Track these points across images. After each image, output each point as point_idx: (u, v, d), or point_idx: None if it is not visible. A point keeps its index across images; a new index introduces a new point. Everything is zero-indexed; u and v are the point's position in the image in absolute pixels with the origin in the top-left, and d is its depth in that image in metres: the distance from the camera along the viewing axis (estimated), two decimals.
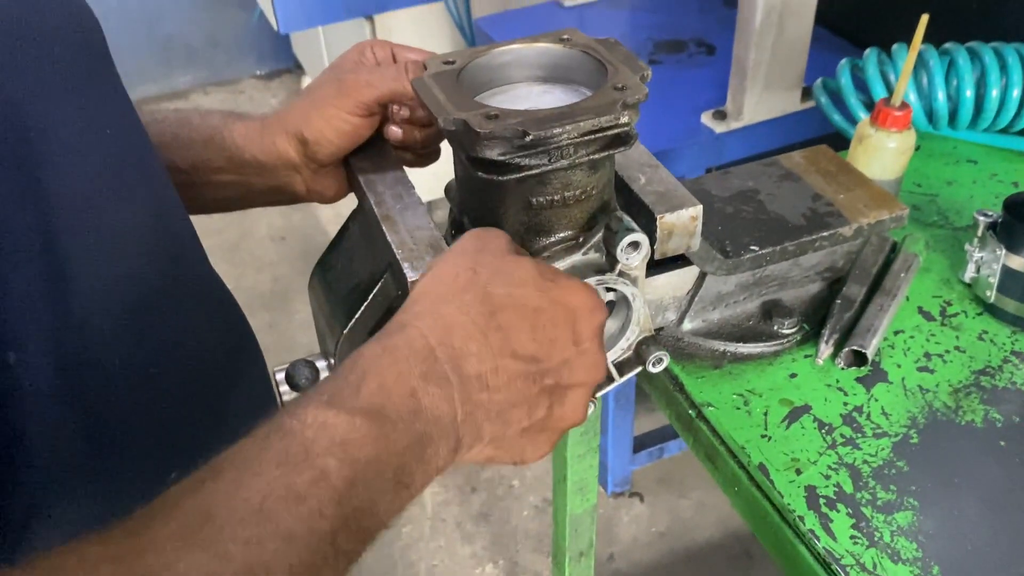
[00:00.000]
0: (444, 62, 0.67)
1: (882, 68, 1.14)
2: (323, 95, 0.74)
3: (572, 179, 0.64)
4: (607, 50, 0.67)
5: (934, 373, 0.83)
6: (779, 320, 0.85)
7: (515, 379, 0.51)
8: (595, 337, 0.56)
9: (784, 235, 0.82)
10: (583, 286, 0.56)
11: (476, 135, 0.59)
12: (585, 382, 0.56)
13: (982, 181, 1.09)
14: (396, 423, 0.46)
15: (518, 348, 0.51)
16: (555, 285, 0.54)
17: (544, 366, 0.52)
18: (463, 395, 0.49)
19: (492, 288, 0.52)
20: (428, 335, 0.50)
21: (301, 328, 2.40)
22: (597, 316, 0.56)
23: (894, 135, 0.95)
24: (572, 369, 0.54)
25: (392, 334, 0.50)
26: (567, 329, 0.54)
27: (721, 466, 0.80)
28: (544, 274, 0.54)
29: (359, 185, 0.75)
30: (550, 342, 0.52)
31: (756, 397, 0.81)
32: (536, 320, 0.52)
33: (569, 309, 0.54)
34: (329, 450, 0.43)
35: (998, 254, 0.85)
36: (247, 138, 0.76)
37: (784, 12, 1.34)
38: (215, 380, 0.67)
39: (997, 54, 1.09)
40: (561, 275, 0.56)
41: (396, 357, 0.48)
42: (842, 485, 0.74)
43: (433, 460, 0.48)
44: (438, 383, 0.48)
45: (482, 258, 0.54)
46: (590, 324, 0.55)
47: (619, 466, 1.89)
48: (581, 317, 0.54)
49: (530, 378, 0.52)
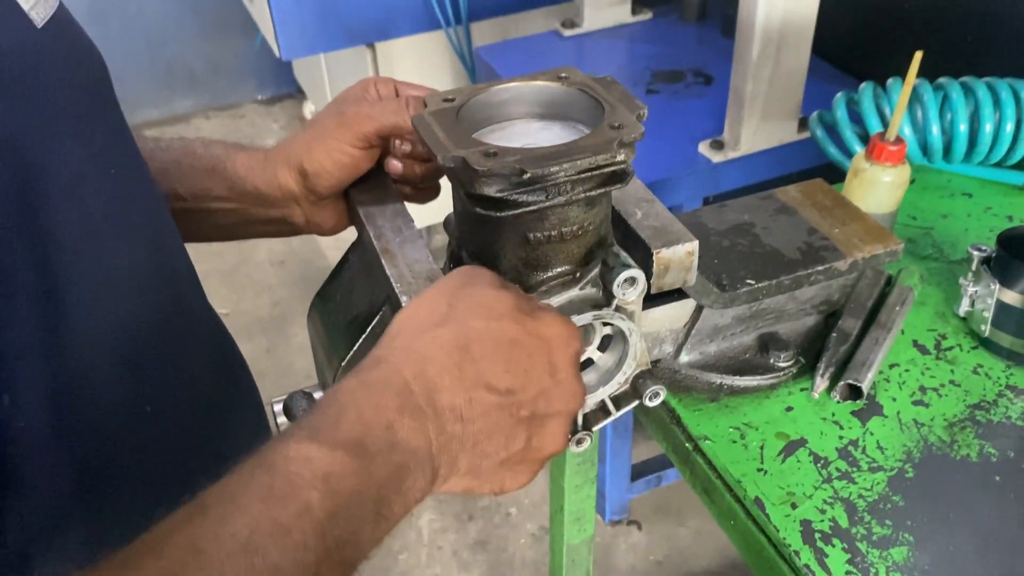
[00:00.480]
0: (444, 99, 0.68)
1: (877, 102, 1.15)
2: (324, 127, 0.75)
3: (569, 215, 0.65)
4: (604, 88, 0.68)
5: (929, 407, 0.83)
6: (775, 353, 0.86)
7: (490, 411, 0.52)
8: (571, 366, 0.56)
9: (780, 269, 0.83)
10: (558, 317, 0.57)
11: (474, 172, 0.60)
12: (562, 411, 0.56)
13: (977, 214, 1.09)
14: (375, 456, 0.46)
15: (492, 380, 0.52)
16: (531, 317, 0.55)
17: (519, 397, 0.53)
18: (437, 427, 0.50)
19: (468, 321, 0.53)
20: (403, 369, 0.50)
21: (299, 352, 2.40)
22: (572, 345, 0.57)
23: (889, 169, 0.96)
24: (549, 399, 0.55)
25: (369, 369, 0.51)
26: (542, 360, 0.54)
27: (717, 500, 0.80)
28: (521, 307, 0.55)
29: (359, 218, 0.76)
30: (525, 373, 0.53)
31: (752, 430, 0.82)
32: (511, 352, 0.53)
33: (544, 340, 0.55)
34: (312, 483, 0.44)
35: (992, 289, 0.86)
36: (249, 168, 0.77)
37: (781, 44, 1.36)
38: (210, 417, 0.67)
39: (990, 89, 1.10)
40: (538, 307, 0.57)
41: (372, 391, 0.49)
42: (837, 520, 0.74)
43: (411, 491, 0.48)
44: (413, 416, 0.49)
45: (462, 292, 0.55)
46: (565, 354, 0.56)
47: (617, 494, 1.89)
48: (556, 348, 0.55)
49: (506, 409, 0.52)
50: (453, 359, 0.51)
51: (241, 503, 0.42)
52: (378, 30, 2.05)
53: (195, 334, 0.68)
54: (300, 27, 1.95)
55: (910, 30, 1.56)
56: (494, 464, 0.54)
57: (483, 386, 0.51)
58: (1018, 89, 1.10)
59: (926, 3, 1.52)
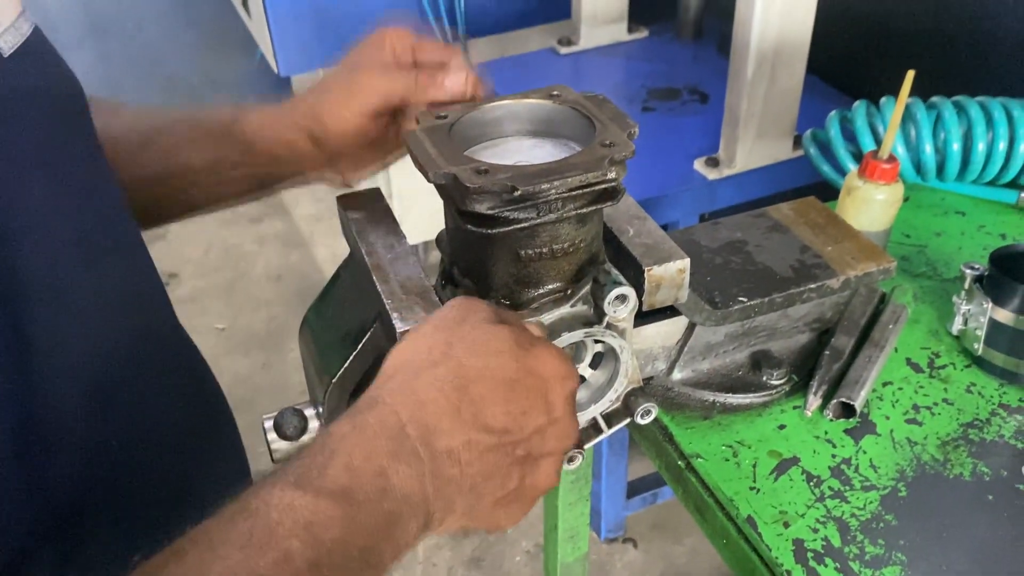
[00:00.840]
0: (436, 116, 0.68)
1: (871, 120, 1.16)
2: (332, 92, 0.74)
3: (560, 232, 0.65)
4: (596, 107, 0.68)
5: (922, 425, 0.83)
6: (768, 371, 0.86)
7: (487, 452, 0.51)
8: (567, 404, 0.56)
9: (772, 286, 0.83)
10: (556, 354, 0.56)
11: (466, 189, 0.60)
12: (556, 450, 0.56)
13: (970, 232, 1.10)
14: (363, 504, 0.45)
15: (490, 421, 0.51)
16: (529, 354, 0.54)
17: (516, 437, 0.52)
18: (433, 471, 0.48)
19: (466, 360, 0.52)
20: (400, 411, 0.49)
21: (295, 368, 2.40)
22: (568, 384, 0.56)
23: (882, 187, 0.96)
24: (544, 438, 0.54)
25: (363, 411, 0.50)
26: (540, 399, 0.53)
27: (710, 518, 0.80)
28: (520, 343, 0.54)
29: (351, 234, 0.76)
30: (522, 414, 0.52)
31: (745, 448, 0.81)
32: (510, 392, 0.52)
33: (543, 379, 0.54)
34: (293, 532, 0.43)
35: (985, 307, 0.86)
36: (260, 129, 0.76)
37: (776, 63, 1.37)
38: (184, 452, 0.66)
39: (983, 108, 1.11)
40: (537, 342, 0.56)
41: (366, 435, 0.48)
42: (830, 539, 0.73)
43: (402, 537, 0.47)
44: (408, 461, 0.48)
45: (459, 330, 0.54)
46: (562, 392, 0.55)
47: (612, 511, 1.88)
48: (553, 386, 0.54)
49: (502, 450, 0.52)
50: (451, 401, 0.50)
51: (220, 551, 0.41)
52: None
53: (167, 363, 0.66)
54: (298, 44, 1.96)
55: (904, 49, 1.56)
56: (489, 504, 0.53)
57: (481, 428, 0.51)
58: (1011, 108, 1.10)
59: (920, 23, 1.53)
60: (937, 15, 1.49)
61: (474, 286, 0.69)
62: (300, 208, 3.02)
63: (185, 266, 2.80)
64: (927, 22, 1.51)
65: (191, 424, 0.68)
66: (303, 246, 2.88)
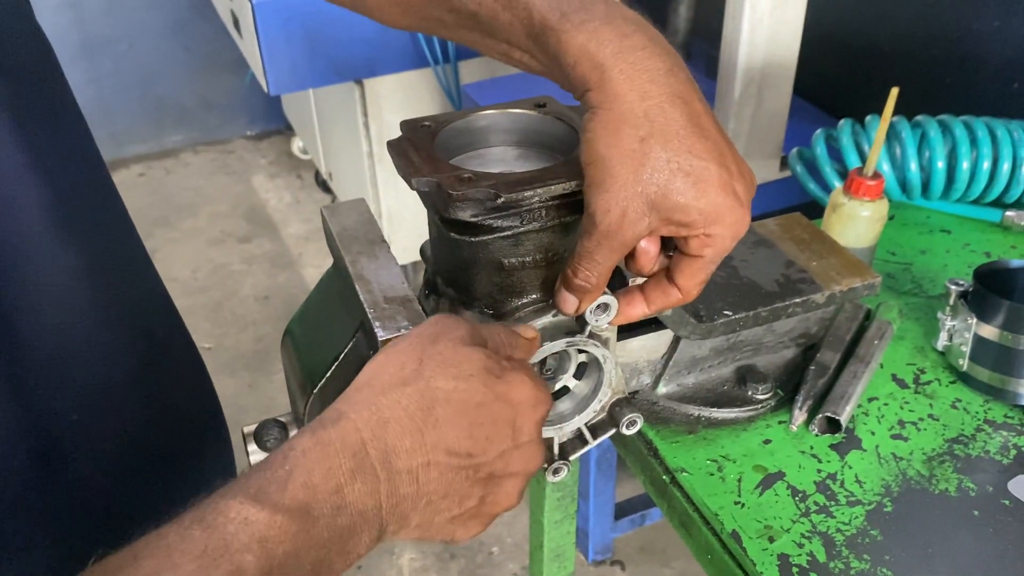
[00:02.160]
0: (420, 124, 0.68)
1: (856, 139, 1.16)
2: None
3: (544, 241, 0.65)
4: (580, 116, 0.68)
5: (908, 441, 0.83)
6: (753, 385, 0.85)
7: (446, 472, 0.51)
8: (534, 430, 0.55)
9: (758, 301, 0.83)
10: (529, 379, 0.55)
11: (449, 196, 0.60)
12: (519, 472, 0.55)
13: (955, 250, 1.10)
14: (318, 519, 0.46)
15: (453, 444, 0.51)
16: (500, 380, 0.54)
17: (478, 460, 0.52)
18: (390, 489, 0.49)
19: (435, 381, 0.52)
20: (362, 429, 0.49)
21: (281, 389, 2.37)
22: (540, 409, 0.56)
23: (867, 204, 0.96)
24: (508, 462, 0.54)
25: (327, 425, 0.49)
26: (506, 425, 0.53)
27: (695, 533, 0.79)
28: (491, 368, 0.54)
29: (334, 244, 0.75)
30: (486, 439, 0.52)
31: (730, 463, 0.81)
32: (476, 416, 0.52)
33: (512, 405, 0.54)
34: (248, 546, 0.43)
35: (970, 323, 0.86)
36: None
37: (763, 84, 1.38)
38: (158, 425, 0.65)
39: (967, 127, 1.11)
40: (509, 369, 0.55)
41: (327, 451, 0.48)
42: (815, 554, 0.73)
43: (355, 549, 0.48)
44: (364, 479, 0.48)
45: (432, 348, 0.54)
46: (531, 418, 0.55)
47: (600, 533, 1.86)
48: (522, 412, 0.54)
49: (463, 472, 0.51)
50: (415, 421, 0.50)
51: (174, 559, 0.41)
52: (366, 67, 2.07)
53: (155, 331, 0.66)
54: (289, 64, 1.97)
55: (890, 71, 1.58)
56: (445, 519, 0.53)
57: (443, 450, 0.50)
58: (995, 128, 1.11)
59: (906, 45, 1.54)
60: (922, 38, 1.51)
61: (457, 295, 0.69)
62: (289, 228, 3.02)
63: (172, 285, 2.78)
64: (912, 45, 1.53)
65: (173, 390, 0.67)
66: (291, 266, 2.88)
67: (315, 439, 0.48)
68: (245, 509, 0.44)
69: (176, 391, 0.68)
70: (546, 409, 0.57)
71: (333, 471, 0.47)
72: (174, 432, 0.66)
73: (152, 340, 0.67)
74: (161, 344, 0.67)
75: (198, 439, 0.70)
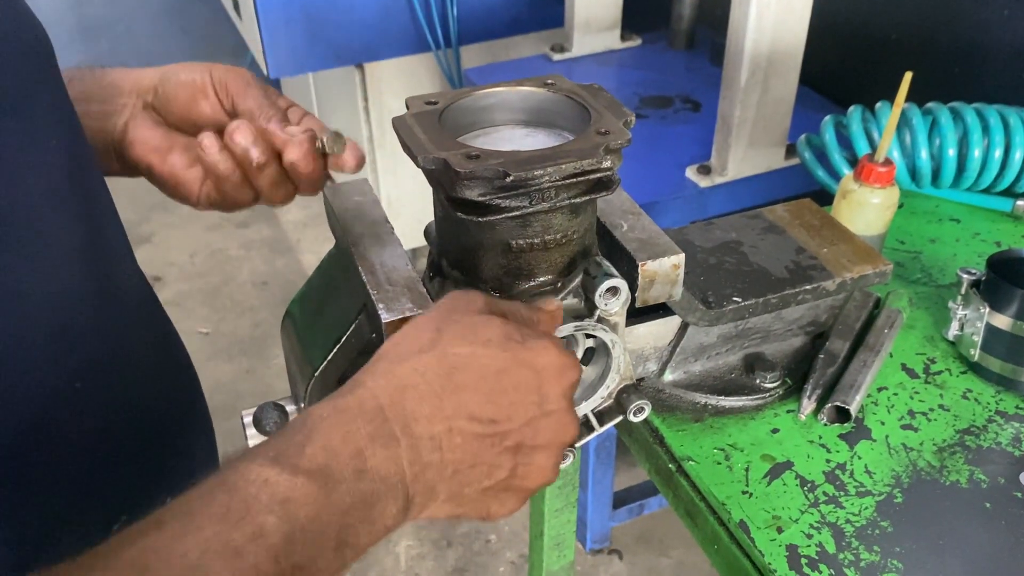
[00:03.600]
0: (426, 102, 0.66)
1: (866, 125, 1.15)
2: None
3: (553, 223, 0.63)
4: (591, 96, 0.67)
5: (918, 431, 0.82)
6: (761, 374, 0.84)
7: (471, 440, 0.50)
8: (563, 398, 0.54)
9: (767, 287, 0.81)
10: (553, 346, 0.54)
11: (456, 175, 0.58)
12: (552, 443, 0.54)
13: (965, 240, 1.09)
14: (339, 483, 0.45)
15: (475, 410, 0.50)
16: (522, 346, 0.53)
17: (504, 427, 0.51)
18: (412, 456, 0.48)
19: (453, 348, 0.51)
20: (380, 395, 0.49)
21: (279, 375, 2.37)
22: (568, 376, 0.55)
23: (877, 191, 0.95)
24: (537, 430, 0.53)
25: (344, 394, 0.50)
26: (531, 392, 0.52)
27: (701, 523, 0.78)
28: (511, 335, 0.53)
29: (337, 225, 0.74)
30: (510, 404, 0.51)
31: (737, 452, 0.79)
32: (497, 382, 0.51)
33: (535, 370, 0.53)
34: (269, 507, 0.43)
35: (982, 312, 0.84)
36: None
37: (769, 71, 1.36)
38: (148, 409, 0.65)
39: (979, 114, 1.10)
40: (531, 335, 0.54)
41: (344, 417, 0.48)
42: (824, 545, 0.71)
43: (380, 519, 0.47)
44: (385, 444, 0.47)
45: (450, 317, 0.54)
46: (558, 385, 0.54)
47: (598, 522, 1.85)
48: (548, 379, 0.53)
49: (488, 439, 0.51)
50: (433, 387, 0.50)
51: (196, 521, 0.42)
52: (367, 51, 2.04)
53: (128, 309, 0.65)
54: (289, 47, 1.94)
55: (898, 61, 1.56)
56: (476, 491, 0.52)
57: (464, 416, 0.50)
58: (1007, 115, 1.10)
59: (914, 34, 1.52)
60: (931, 27, 1.49)
61: (463, 277, 0.67)
62: (288, 214, 2.99)
63: (170, 269, 2.77)
64: (921, 34, 1.51)
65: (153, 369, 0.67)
66: (290, 252, 2.86)
67: (333, 406, 0.49)
68: (265, 471, 0.44)
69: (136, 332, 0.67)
70: (575, 376, 0.55)
71: (352, 435, 0.47)
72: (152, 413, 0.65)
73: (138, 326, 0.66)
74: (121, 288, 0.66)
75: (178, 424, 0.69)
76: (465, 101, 0.67)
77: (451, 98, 0.67)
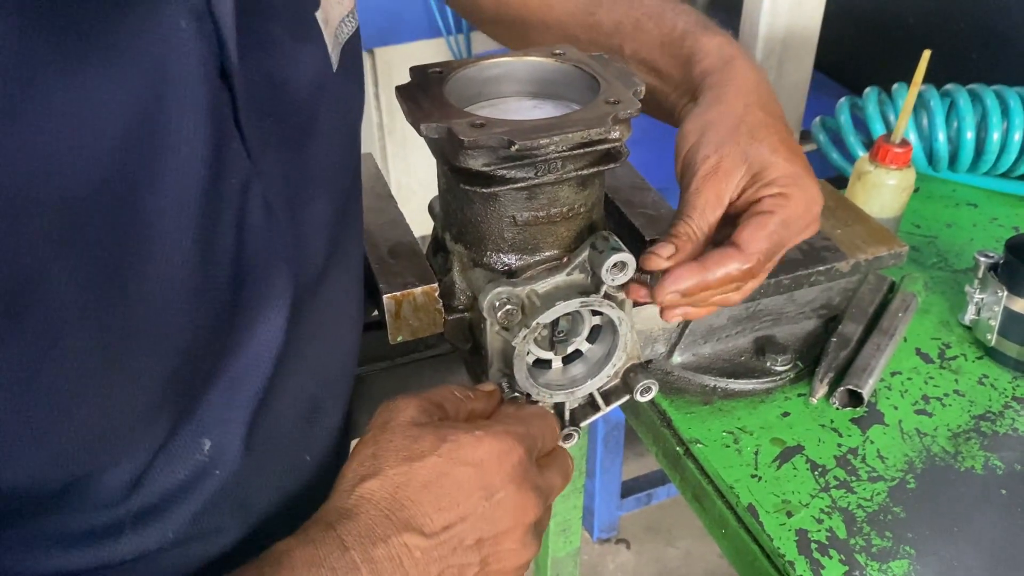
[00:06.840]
0: (430, 70, 0.64)
1: (882, 107, 1.13)
2: None
3: (559, 195, 0.62)
4: (601, 66, 0.65)
5: (932, 417, 0.80)
6: (772, 356, 0.82)
7: (430, 551, 0.50)
8: (509, 482, 0.54)
9: (780, 268, 0.79)
10: (485, 436, 0.54)
11: (460, 143, 0.57)
12: (514, 526, 0.54)
13: (982, 225, 1.06)
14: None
15: (424, 522, 0.51)
16: (456, 445, 0.53)
17: (458, 529, 0.51)
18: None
19: (391, 468, 0.52)
20: (336, 526, 0.50)
21: None
22: (511, 457, 0.54)
23: (893, 172, 0.93)
24: (493, 521, 0.53)
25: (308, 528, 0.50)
26: (474, 488, 0.52)
27: (708, 507, 0.76)
28: (444, 437, 0.53)
29: None
30: (457, 506, 0.52)
31: (747, 435, 0.78)
32: (440, 488, 0.52)
33: (474, 465, 0.53)
34: None
35: (999, 296, 0.82)
36: None
37: (784, 56, 1.33)
38: None
39: (999, 97, 1.07)
40: (463, 431, 0.54)
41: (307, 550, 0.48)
42: (835, 530, 0.70)
43: None
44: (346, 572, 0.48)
45: (383, 437, 0.54)
46: (500, 471, 0.53)
47: (606, 511, 1.84)
48: (488, 469, 0.53)
49: (446, 546, 0.51)
50: (382, 509, 0.51)
51: None
52: (378, 36, 2.02)
53: None
54: None
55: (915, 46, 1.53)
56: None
57: (415, 530, 0.50)
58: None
59: (930, 19, 1.50)
60: (948, 11, 1.46)
61: (467, 252, 0.66)
62: None
63: None
64: (938, 18, 1.48)
65: None
66: None
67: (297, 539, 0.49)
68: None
69: None
70: (519, 454, 0.55)
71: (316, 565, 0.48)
72: None
73: None
74: None
75: None
76: (470, 71, 0.66)
77: (456, 67, 0.65)
